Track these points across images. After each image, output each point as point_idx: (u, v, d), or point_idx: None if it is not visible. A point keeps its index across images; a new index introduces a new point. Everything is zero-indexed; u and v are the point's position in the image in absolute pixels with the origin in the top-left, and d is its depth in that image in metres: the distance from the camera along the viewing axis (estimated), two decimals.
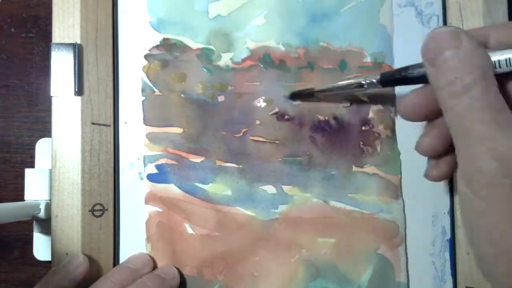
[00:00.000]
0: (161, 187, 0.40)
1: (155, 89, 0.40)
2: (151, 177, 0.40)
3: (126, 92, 0.40)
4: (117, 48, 0.40)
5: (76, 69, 0.37)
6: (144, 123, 0.40)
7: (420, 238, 0.40)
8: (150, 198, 0.39)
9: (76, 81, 0.37)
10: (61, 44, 0.37)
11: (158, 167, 0.40)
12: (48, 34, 0.44)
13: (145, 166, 0.40)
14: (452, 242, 0.40)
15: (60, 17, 0.38)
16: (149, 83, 0.40)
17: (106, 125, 0.39)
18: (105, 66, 0.39)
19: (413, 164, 0.40)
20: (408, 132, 0.40)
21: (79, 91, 0.37)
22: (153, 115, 0.40)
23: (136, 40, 0.40)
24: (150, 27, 0.40)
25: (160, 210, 0.39)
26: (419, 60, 0.28)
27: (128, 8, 0.40)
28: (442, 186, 0.40)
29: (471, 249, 0.38)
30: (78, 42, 0.37)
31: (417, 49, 0.40)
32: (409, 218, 0.40)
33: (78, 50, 0.37)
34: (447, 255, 0.40)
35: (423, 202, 0.40)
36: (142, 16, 0.40)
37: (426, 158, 0.36)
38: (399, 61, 0.40)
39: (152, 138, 0.40)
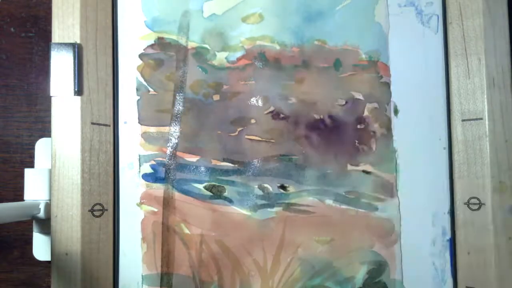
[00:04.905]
0: (156, 187, 0.42)
1: (150, 89, 0.42)
2: (146, 177, 0.42)
3: (125, 91, 0.42)
4: (116, 47, 0.42)
5: (76, 69, 0.40)
6: (139, 122, 0.42)
7: (419, 237, 0.42)
8: (146, 198, 0.42)
9: (76, 81, 0.39)
10: (61, 44, 0.40)
11: (153, 166, 0.42)
12: (48, 34, 0.47)
13: (140, 165, 0.42)
14: (453, 242, 0.42)
15: (60, 17, 0.40)
16: (144, 83, 0.42)
17: (105, 125, 0.41)
18: (104, 66, 0.41)
19: (410, 162, 0.42)
20: (405, 131, 0.42)
21: (79, 91, 0.40)
22: (148, 114, 0.42)
23: (132, 40, 0.43)
24: (145, 26, 0.43)
25: (156, 210, 0.42)
26: (417, 59, 0.29)
27: (125, 7, 0.43)
28: (441, 186, 0.42)
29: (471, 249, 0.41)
30: (78, 42, 0.40)
31: (416, 49, 0.41)
32: (406, 216, 0.42)
33: (77, 50, 0.40)
34: (447, 255, 0.42)
35: (421, 201, 0.42)
36: (137, 15, 0.43)
37: (423, 157, 0.38)
38: (396, 60, 0.43)
39: (147, 138, 0.42)
